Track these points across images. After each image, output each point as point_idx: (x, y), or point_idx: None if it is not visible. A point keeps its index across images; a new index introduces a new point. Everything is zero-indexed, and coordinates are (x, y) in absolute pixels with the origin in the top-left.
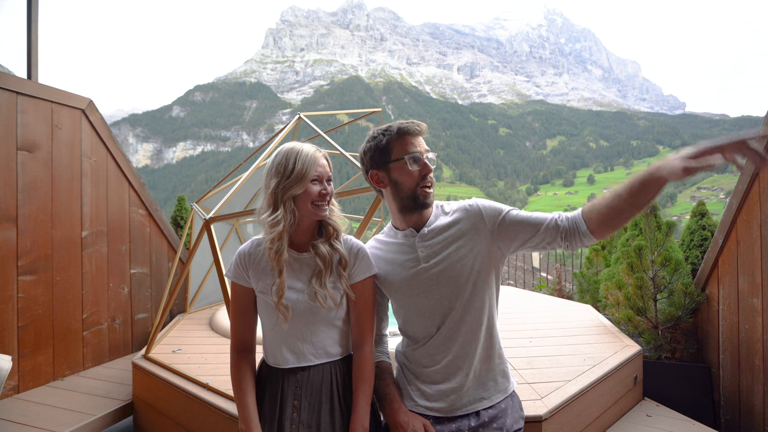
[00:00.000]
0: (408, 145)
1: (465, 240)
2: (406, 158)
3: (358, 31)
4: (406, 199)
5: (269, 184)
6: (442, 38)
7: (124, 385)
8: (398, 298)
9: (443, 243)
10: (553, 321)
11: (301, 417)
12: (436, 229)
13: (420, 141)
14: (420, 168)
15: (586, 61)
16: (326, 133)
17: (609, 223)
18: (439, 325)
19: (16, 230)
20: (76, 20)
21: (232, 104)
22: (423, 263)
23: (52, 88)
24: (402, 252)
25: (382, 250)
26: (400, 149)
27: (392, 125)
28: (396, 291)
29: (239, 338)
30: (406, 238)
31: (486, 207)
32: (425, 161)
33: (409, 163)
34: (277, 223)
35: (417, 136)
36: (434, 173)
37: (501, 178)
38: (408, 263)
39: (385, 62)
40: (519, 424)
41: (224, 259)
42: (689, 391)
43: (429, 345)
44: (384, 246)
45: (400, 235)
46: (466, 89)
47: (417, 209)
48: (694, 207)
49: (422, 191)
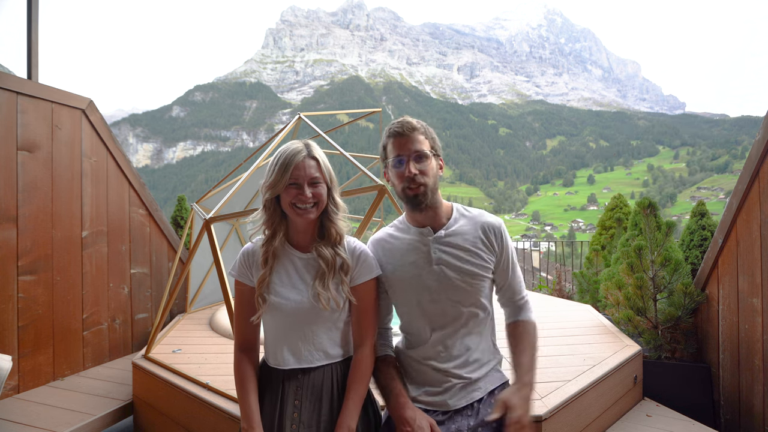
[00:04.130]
0: (395, 147)
1: (478, 252)
2: (390, 161)
3: (358, 31)
4: (400, 198)
5: (261, 187)
6: (442, 38)
7: (124, 385)
8: (402, 295)
9: (457, 249)
10: (553, 321)
11: (302, 417)
12: (453, 233)
13: (408, 142)
14: (402, 170)
15: (586, 61)
16: (326, 133)
17: (508, 343)
18: (441, 327)
19: (16, 230)
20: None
21: (232, 104)
22: (434, 265)
23: (52, 88)
24: (414, 249)
25: (393, 244)
26: (390, 151)
27: (389, 126)
28: (401, 288)
29: (242, 337)
30: (421, 236)
31: (503, 236)
32: (410, 163)
33: (394, 166)
34: (264, 223)
35: (405, 137)
36: None
37: (501, 178)
38: (419, 261)
39: (385, 62)
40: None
41: (224, 259)
42: (689, 391)
43: (428, 345)
44: (395, 240)
45: (413, 231)
46: (466, 89)
47: (413, 208)
48: (694, 207)
49: (406, 192)
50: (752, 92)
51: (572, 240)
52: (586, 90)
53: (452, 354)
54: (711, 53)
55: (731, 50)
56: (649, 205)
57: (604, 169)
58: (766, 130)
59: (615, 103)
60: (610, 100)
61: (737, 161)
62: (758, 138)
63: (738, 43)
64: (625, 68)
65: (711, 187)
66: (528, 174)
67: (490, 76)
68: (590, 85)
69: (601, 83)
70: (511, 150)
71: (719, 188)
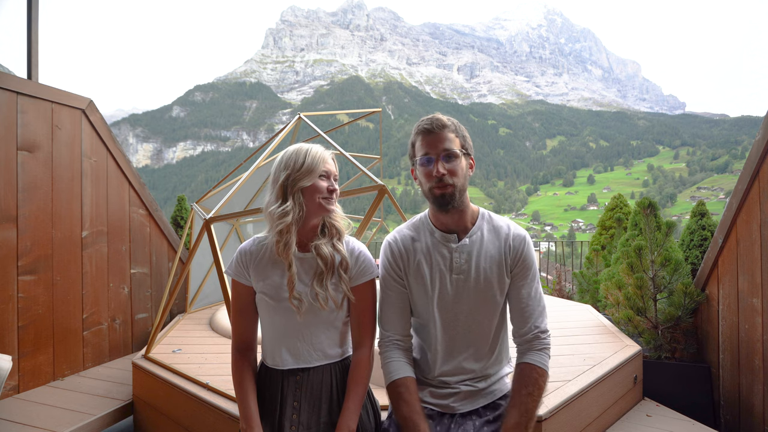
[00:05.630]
0: (424, 144)
1: (499, 263)
2: (417, 159)
3: (358, 31)
4: (427, 197)
5: (278, 178)
6: (442, 38)
7: (124, 385)
8: (417, 299)
9: (479, 258)
10: (553, 321)
11: (301, 418)
12: (476, 240)
13: (438, 140)
14: (430, 169)
15: (586, 61)
16: (326, 133)
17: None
18: (452, 336)
19: (16, 230)
20: (76, 20)
21: (232, 104)
22: (454, 274)
23: (52, 88)
24: (437, 253)
25: (416, 245)
26: (419, 148)
27: (419, 122)
28: (417, 292)
29: (240, 337)
30: (446, 240)
31: (527, 252)
32: (439, 162)
33: (421, 164)
34: (286, 214)
35: (435, 134)
36: None
37: (501, 178)
38: (440, 266)
39: (385, 62)
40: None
41: (224, 259)
42: (689, 391)
43: (437, 351)
44: (418, 242)
45: (438, 234)
46: (466, 89)
47: (440, 208)
48: (694, 207)
49: (433, 191)
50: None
51: (572, 240)
52: (586, 90)
53: (461, 361)
54: (711, 53)
55: (731, 50)
56: (649, 205)
57: (604, 169)
58: (766, 130)
59: (615, 103)
60: (610, 100)
61: (737, 161)
62: (758, 138)
63: (738, 43)
64: (625, 68)
65: (711, 187)
66: (528, 174)
67: (490, 76)
68: (590, 85)
69: (601, 83)
70: (511, 150)
71: (719, 188)
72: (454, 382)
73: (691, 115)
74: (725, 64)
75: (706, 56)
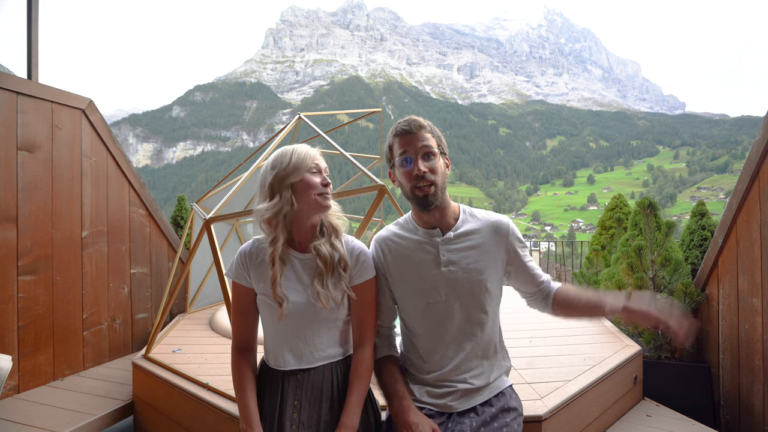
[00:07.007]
0: (402, 144)
1: (487, 253)
2: (396, 161)
3: (358, 31)
4: (409, 198)
5: (266, 180)
6: (442, 38)
7: (124, 385)
8: (408, 296)
9: (466, 251)
10: (553, 321)
11: (302, 417)
12: (462, 234)
13: (416, 139)
14: (410, 169)
15: (586, 61)
16: (326, 133)
17: (566, 314)
18: (445, 331)
19: (16, 230)
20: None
21: (232, 104)
22: (443, 267)
23: (52, 88)
24: (422, 250)
25: (400, 244)
26: (396, 150)
27: (395, 125)
28: (408, 289)
29: (240, 338)
30: (429, 237)
31: (514, 233)
32: (418, 161)
33: (401, 164)
34: (276, 212)
35: (413, 134)
36: None
37: (501, 178)
38: (427, 263)
39: (385, 62)
40: (512, 415)
41: (224, 259)
42: (689, 391)
43: (432, 348)
44: (402, 240)
45: (421, 232)
46: (466, 89)
47: (422, 209)
48: (694, 207)
49: (415, 191)
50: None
51: (572, 240)
52: (586, 90)
53: (456, 358)
54: (711, 53)
55: (731, 50)
56: (649, 205)
57: (604, 169)
58: (766, 130)
59: (615, 103)
60: (610, 100)
61: (737, 161)
62: (758, 138)
63: (738, 43)
64: (625, 68)
65: (711, 187)
66: (528, 174)
67: (490, 76)
68: (590, 85)
69: (601, 83)
70: (511, 150)
71: (719, 188)
72: (451, 381)
73: (691, 115)
74: (725, 64)
75: (705, 56)
